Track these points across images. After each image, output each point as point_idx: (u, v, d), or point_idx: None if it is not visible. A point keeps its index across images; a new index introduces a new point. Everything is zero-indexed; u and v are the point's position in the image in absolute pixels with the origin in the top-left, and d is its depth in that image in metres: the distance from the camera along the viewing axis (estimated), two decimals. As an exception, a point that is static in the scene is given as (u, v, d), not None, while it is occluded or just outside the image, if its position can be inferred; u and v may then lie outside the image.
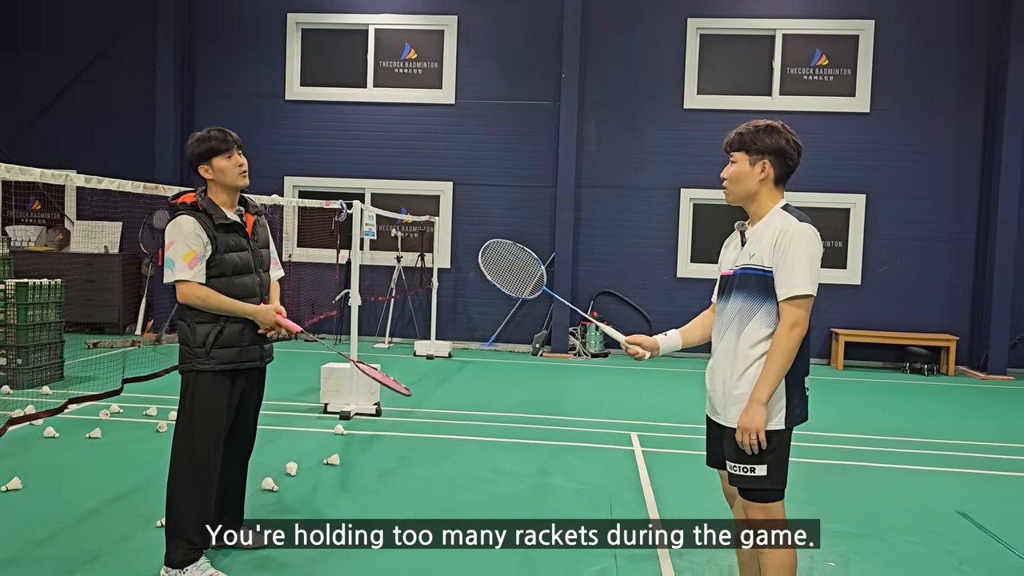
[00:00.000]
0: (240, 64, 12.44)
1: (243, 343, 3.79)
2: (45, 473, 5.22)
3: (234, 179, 3.78)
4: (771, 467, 2.94)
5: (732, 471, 3.01)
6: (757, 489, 2.98)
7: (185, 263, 3.62)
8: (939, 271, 11.63)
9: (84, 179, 3.98)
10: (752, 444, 2.90)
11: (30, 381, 7.85)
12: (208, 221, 3.70)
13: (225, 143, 3.74)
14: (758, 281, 2.97)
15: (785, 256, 2.90)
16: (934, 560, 4.35)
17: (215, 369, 3.72)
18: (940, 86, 11.51)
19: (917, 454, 6.68)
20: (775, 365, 2.89)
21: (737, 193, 3.09)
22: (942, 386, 10.35)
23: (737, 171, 3.06)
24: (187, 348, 3.73)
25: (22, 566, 3.83)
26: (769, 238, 2.95)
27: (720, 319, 3.14)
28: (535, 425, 7.19)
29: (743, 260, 3.04)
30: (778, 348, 2.89)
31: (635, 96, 11.94)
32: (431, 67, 12.29)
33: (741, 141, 3.05)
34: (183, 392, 3.76)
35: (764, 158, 3.01)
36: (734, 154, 3.08)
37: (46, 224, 12.76)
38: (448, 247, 12.21)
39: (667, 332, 3.42)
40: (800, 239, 2.90)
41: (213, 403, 3.73)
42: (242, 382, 3.88)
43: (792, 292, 2.88)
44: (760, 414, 2.88)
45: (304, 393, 8.00)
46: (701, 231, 11.99)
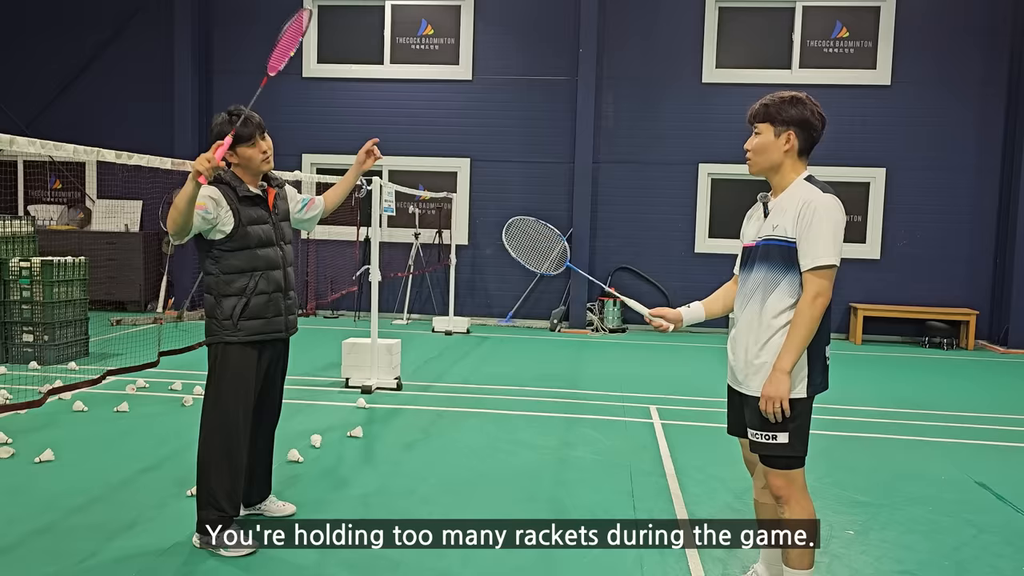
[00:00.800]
0: (257, 41, 12.45)
1: (268, 315, 3.86)
2: (76, 445, 5.34)
3: (258, 166, 3.82)
4: (793, 435, 2.99)
5: (754, 439, 3.06)
6: (779, 456, 3.02)
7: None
8: (959, 245, 11.55)
9: (115, 155, 4.04)
10: (776, 412, 2.94)
11: (57, 357, 7.99)
12: (231, 193, 3.75)
13: (247, 130, 3.72)
14: (781, 252, 2.99)
15: (809, 227, 2.91)
16: (953, 528, 4.38)
17: (242, 341, 3.79)
18: (962, 58, 11.36)
19: (935, 426, 6.69)
20: (798, 335, 2.91)
21: (761, 164, 3.10)
22: (961, 360, 10.32)
23: (761, 142, 3.07)
24: (214, 321, 3.80)
25: (59, 533, 3.94)
26: (792, 209, 2.97)
27: (743, 290, 3.17)
28: (554, 399, 7.25)
29: (766, 231, 3.05)
30: (802, 318, 2.91)
31: (653, 71, 11.87)
32: (448, 43, 12.26)
33: (766, 112, 3.06)
34: (211, 364, 3.83)
35: (789, 129, 3.02)
36: (758, 125, 3.08)
37: (67, 203, 12.90)
38: (466, 223, 12.25)
39: (690, 304, 3.45)
40: (824, 210, 2.91)
41: (241, 374, 3.81)
42: (268, 353, 3.96)
43: (816, 262, 2.90)
44: (784, 383, 2.92)
45: (326, 368, 8.10)
46: (719, 206, 11.95)
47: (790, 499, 3.06)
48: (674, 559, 3.84)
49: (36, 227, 8.73)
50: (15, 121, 12.18)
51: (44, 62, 12.75)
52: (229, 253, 3.76)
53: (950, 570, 3.84)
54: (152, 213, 12.44)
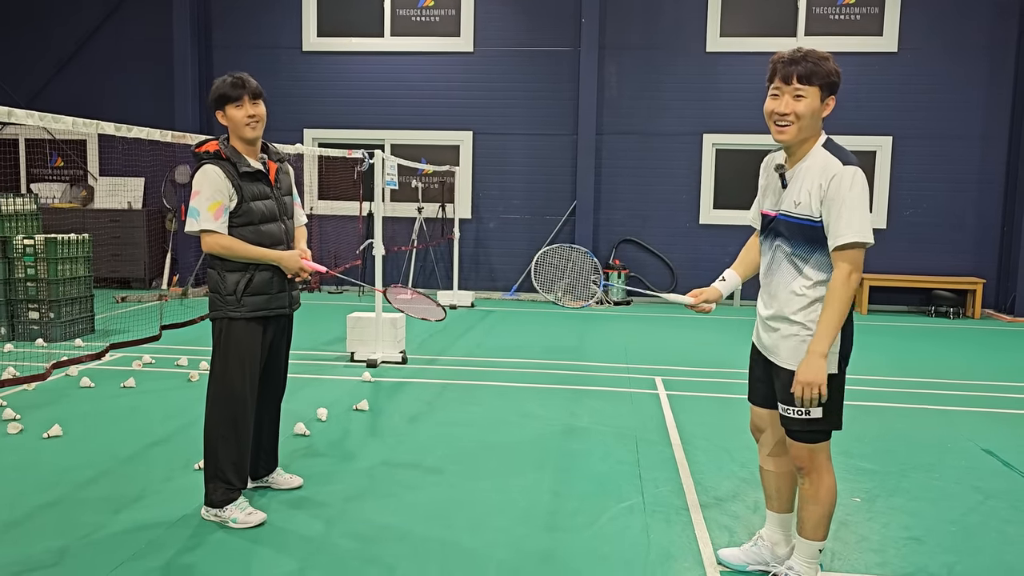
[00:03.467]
0: (257, 14, 12.34)
1: (272, 290, 3.84)
2: (84, 420, 5.36)
3: (242, 130, 3.73)
4: (827, 410, 2.88)
5: (785, 414, 2.96)
6: (809, 431, 2.93)
7: (211, 213, 3.65)
8: (966, 214, 11.47)
9: (115, 127, 4.00)
10: (813, 399, 2.80)
11: (63, 334, 8.01)
12: (232, 170, 3.72)
13: (235, 91, 3.70)
14: (804, 231, 2.86)
15: (834, 204, 2.74)
16: (959, 495, 4.38)
17: (246, 316, 3.78)
18: (970, 25, 11.21)
19: (942, 395, 6.68)
20: (834, 315, 2.77)
21: (805, 132, 2.81)
22: (968, 329, 10.29)
23: (809, 107, 2.77)
24: (218, 296, 3.78)
25: (69, 505, 3.96)
26: (813, 183, 2.81)
27: (770, 261, 3.05)
28: (559, 371, 7.25)
29: (787, 206, 2.91)
30: (836, 298, 2.77)
31: (657, 40, 11.73)
32: (448, 14, 12.13)
33: (815, 73, 2.75)
34: (216, 339, 3.83)
35: (832, 95, 2.83)
36: (803, 88, 2.77)
37: (69, 181, 12.87)
38: (469, 197, 12.20)
39: (723, 276, 3.32)
40: (849, 185, 2.73)
41: (247, 348, 3.80)
42: (272, 328, 3.95)
43: (847, 240, 2.74)
44: (821, 367, 2.77)
45: (331, 343, 8.11)
46: (724, 177, 11.88)
47: (812, 471, 2.98)
48: (680, 527, 3.85)
49: (39, 205, 8.71)
50: (15, 99, 12.11)
51: (43, 39, 12.66)
52: (233, 229, 3.74)
53: (957, 536, 3.84)
54: (154, 190, 12.42)
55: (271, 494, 4.15)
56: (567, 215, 12.02)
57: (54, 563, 3.35)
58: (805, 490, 3.04)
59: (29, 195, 8.48)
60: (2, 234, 7.98)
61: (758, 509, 4.08)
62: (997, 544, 3.76)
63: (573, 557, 3.51)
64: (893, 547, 3.69)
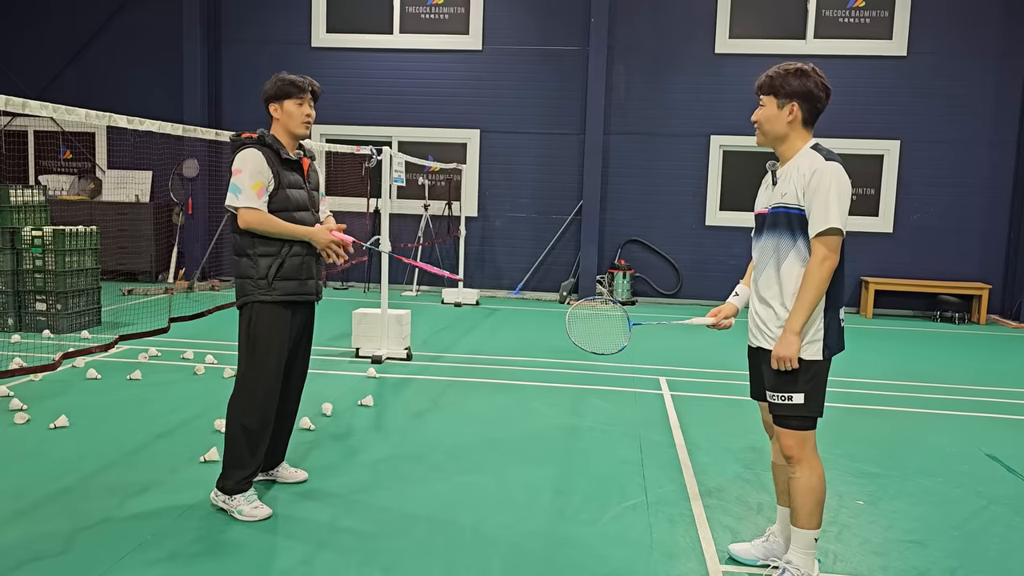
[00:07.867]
0: (266, 9, 12.37)
1: (302, 276, 3.88)
2: (90, 412, 5.39)
3: (297, 126, 3.87)
4: (808, 396, 3.07)
5: (771, 400, 3.14)
6: (792, 417, 3.10)
7: (254, 192, 3.72)
8: (973, 219, 11.45)
9: (126, 120, 4.03)
10: (785, 368, 3.04)
11: (70, 326, 8.04)
12: (274, 156, 3.80)
13: (300, 89, 3.86)
14: (789, 219, 3.08)
15: (815, 194, 2.99)
16: (962, 499, 4.38)
17: (276, 300, 3.81)
18: (980, 30, 11.18)
19: (946, 399, 6.68)
20: (807, 296, 3.00)
21: (768, 135, 3.19)
22: (973, 334, 10.27)
23: (766, 114, 3.16)
24: (249, 280, 3.80)
25: (75, 495, 3.99)
26: (799, 177, 3.05)
27: (759, 256, 3.24)
28: (564, 369, 7.27)
29: (775, 199, 3.13)
30: (810, 279, 2.99)
31: (665, 41, 11.74)
32: (458, 12, 12.15)
33: (770, 84, 3.14)
34: (243, 325, 3.83)
35: (792, 101, 3.10)
36: (763, 98, 3.17)
37: (78, 173, 12.91)
38: (475, 195, 12.21)
39: (736, 291, 3.53)
40: (828, 177, 2.99)
41: (276, 333, 3.82)
42: (299, 316, 3.98)
43: (822, 227, 2.98)
44: (794, 343, 3.01)
45: (336, 338, 8.13)
46: (731, 178, 11.87)
47: (800, 460, 3.14)
48: (683, 526, 3.87)
49: (48, 197, 8.74)
50: (25, 91, 12.15)
51: (52, 33, 12.70)
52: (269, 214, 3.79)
53: (960, 540, 3.85)
54: (162, 184, 12.45)
55: (277, 487, 4.17)
56: (573, 214, 12.03)
57: (60, 552, 3.38)
58: (797, 480, 3.16)
59: (38, 187, 8.51)
60: (11, 225, 8.02)
61: (761, 509, 4.10)
62: (1000, 549, 3.77)
63: (576, 555, 3.53)
64: (896, 550, 3.70)
